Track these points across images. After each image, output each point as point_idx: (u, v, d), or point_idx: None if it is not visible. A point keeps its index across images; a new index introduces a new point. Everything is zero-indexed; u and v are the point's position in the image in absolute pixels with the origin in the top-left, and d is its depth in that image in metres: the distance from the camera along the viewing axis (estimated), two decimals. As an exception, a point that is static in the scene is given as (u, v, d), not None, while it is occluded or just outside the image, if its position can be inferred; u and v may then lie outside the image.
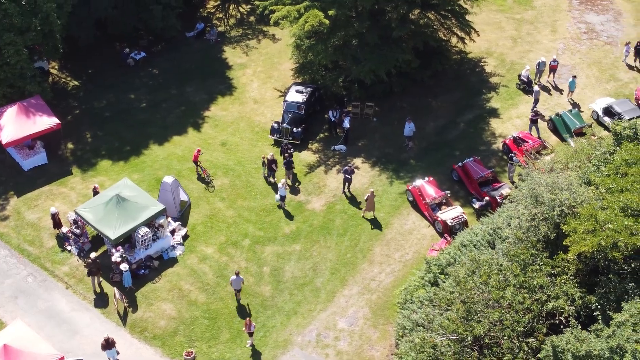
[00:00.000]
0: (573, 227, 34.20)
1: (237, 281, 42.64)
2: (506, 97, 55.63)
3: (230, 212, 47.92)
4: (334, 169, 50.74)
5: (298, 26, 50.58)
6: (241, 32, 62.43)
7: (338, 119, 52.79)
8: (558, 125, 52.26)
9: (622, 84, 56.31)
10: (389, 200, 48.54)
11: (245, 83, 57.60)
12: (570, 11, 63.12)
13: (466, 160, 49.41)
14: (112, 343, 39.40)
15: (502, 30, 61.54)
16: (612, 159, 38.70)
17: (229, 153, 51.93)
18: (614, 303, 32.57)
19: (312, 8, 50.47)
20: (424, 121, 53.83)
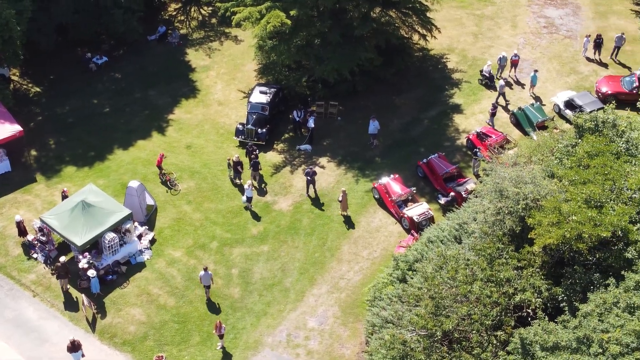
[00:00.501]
0: (538, 220, 34.45)
1: (206, 277, 42.67)
2: (469, 92, 56.07)
3: (197, 214, 47.85)
4: (300, 169, 50.83)
5: (260, 27, 50.62)
6: (203, 34, 62.34)
7: (303, 118, 52.92)
8: (521, 119, 52.75)
9: (582, 77, 56.96)
10: (356, 199, 48.71)
11: (209, 85, 57.53)
12: (530, 6, 63.75)
13: (431, 157, 49.74)
14: (77, 345, 39.25)
15: (463, 26, 62.02)
16: (574, 152, 39.09)
17: (195, 156, 51.85)
18: (580, 294, 32.85)
19: (273, 9, 50.52)
20: (389, 119, 54.09)
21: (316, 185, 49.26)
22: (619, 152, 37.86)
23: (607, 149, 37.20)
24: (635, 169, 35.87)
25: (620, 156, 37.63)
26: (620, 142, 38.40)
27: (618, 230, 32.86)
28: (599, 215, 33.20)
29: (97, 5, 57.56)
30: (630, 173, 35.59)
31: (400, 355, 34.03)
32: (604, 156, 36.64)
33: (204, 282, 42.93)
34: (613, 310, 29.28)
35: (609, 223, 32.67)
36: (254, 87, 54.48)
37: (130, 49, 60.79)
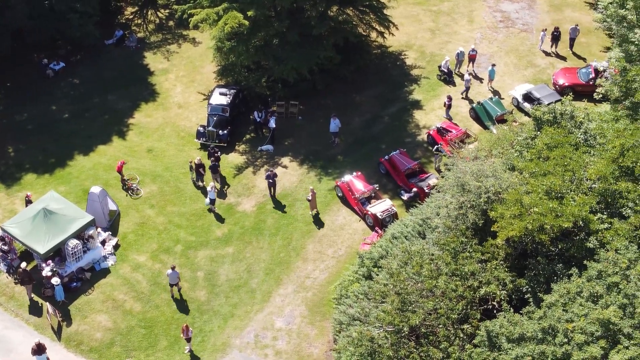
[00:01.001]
0: (500, 212, 34.75)
1: (173, 276, 42.66)
2: (428, 88, 56.37)
3: (160, 218, 47.64)
4: (262, 169, 50.78)
5: (218, 28, 50.47)
6: (161, 37, 61.95)
7: (263, 119, 52.86)
8: (480, 113, 53.17)
9: (539, 70, 57.53)
10: (319, 198, 48.75)
11: (168, 88, 57.24)
12: (486, 1, 64.22)
13: (392, 153, 49.97)
14: (42, 348, 38.99)
15: (420, 22, 62.31)
16: (533, 144, 39.51)
17: (156, 159, 51.60)
18: (544, 285, 33.21)
19: (230, 10, 50.39)
20: (349, 117, 54.24)
21: (279, 185, 49.25)
22: (578, 143, 38.33)
23: (565, 141, 37.60)
24: (594, 159, 36.32)
25: (579, 147, 38.10)
26: (578, 133, 38.89)
27: (579, 220, 33.24)
28: (560, 206, 33.57)
29: (53, 10, 56.94)
30: (589, 163, 36.03)
31: (368, 352, 34.16)
32: (563, 147, 37.03)
33: (171, 281, 42.87)
34: (577, 299, 29.65)
35: (570, 214, 33.04)
36: (214, 89, 54.32)
37: (87, 53, 60.26)
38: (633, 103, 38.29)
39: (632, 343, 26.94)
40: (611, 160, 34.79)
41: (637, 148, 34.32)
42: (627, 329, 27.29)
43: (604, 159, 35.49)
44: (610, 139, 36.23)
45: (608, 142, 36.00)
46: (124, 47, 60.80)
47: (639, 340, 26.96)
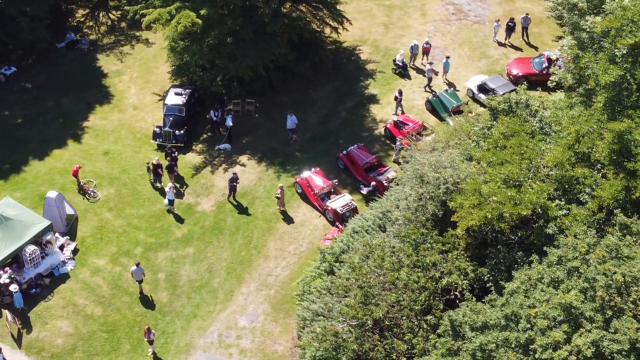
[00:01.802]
0: (459, 202, 34.93)
1: (137, 272, 42.48)
2: (383, 82, 56.47)
3: (119, 221, 47.19)
4: (221, 168, 50.52)
5: (171, 28, 50.09)
6: (114, 39, 61.18)
7: (220, 118, 52.56)
8: (436, 105, 53.39)
9: (493, 61, 57.92)
10: (279, 195, 48.76)
11: (122, 90, 56.63)
12: (438, -7, 64.55)
13: (350, 148, 50.00)
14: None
15: (374, 17, 62.37)
16: (490, 134, 39.73)
17: (113, 162, 51.08)
18: (505, 273, 33.44)
19: (183, 9, 50.00)
20: (306, 113, 54.16)
21: (239, 182, 48.99)
22: (534, 131, 38.63)
23: (521, 129, 37.86)
24: (550, 147, 36.60)
25: (534, 135, 38.39)
26: (534, 122, 39.19)
27: (537, 207, 33.51)
28: (518, 194, 33.81)
29: (2, 14, 56.04)
30: (546, 151, 36.29)
31: (333, 347, 34.17)
32: (519, 136, 37.27)
33: (135, 277, 42.67)
34: (538, 286, 29.85)
35: (528, 201, 33.28)
36: (169, 89, 53.88)
37: (39, 57, 59.35)
38: (586, 90, 38.64)
39: (594, 326, 27.17)
40: (567, 147, 35.06)
41: (592, 134, 34.63)
42: (589, 313, 27.53)
43: (559, 146, 35.77)
44: (565, 126, 36.54)
45: (563, 129, 36.32)
46: (76, 50, 59.92)
47: (600, 323, 27.21)
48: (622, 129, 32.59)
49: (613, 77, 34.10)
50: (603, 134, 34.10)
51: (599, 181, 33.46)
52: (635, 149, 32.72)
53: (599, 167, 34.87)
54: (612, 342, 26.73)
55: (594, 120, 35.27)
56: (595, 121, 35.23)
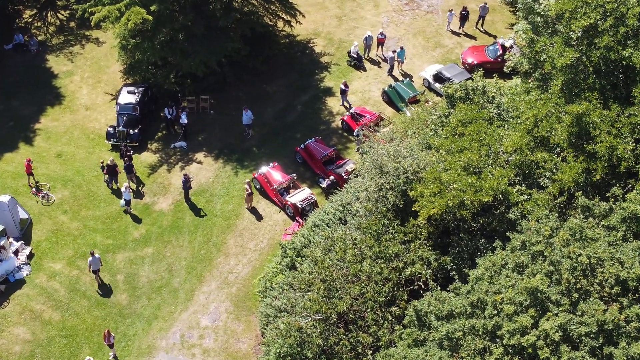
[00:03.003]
0: (420, 191, 34.52)
1: (94, 262, 41.83)
2: (339, 75, 55.99)
3: (75, 223, 46.22)
4: (177, 166, 49.75)
5: (121, 25, 49.15)
6: (63, 39, 59.84)
7: (175, 115, 51.72)
8: (392, 96, 53.06)
9: (447, 50, 57.75)
10: (237, 191, 48.03)
11: (74, 91, 55.46)
12: (390, -16, 64.16)
13: (308, 142, 49.51)
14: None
15: (327, 10, 61.84)
16: (448, 122, 39.45)
17: (66, 164, 50.01)
18: (468, 260, 33.20)
19: (133, 5, 49.07)
20: (262, 107, 53.56)
21: (195, 180, 48.34)
22: (492, 118, 38.39)
23: (479, 116, 37.62)
24: (508, 132, 36.40)
25: (493, 121, 38.13)
26: (491, 108, 38.96)
27: (498, 193, 33.29)
28: (479, 181, 33.54)
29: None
30: (504, 137, 36.09)
31: (298, 343, 33.64)
32: (477, 123, 37.01)
33: (93, 268, 42.01)
34: (502, 272, 29.56)
35: (489, 187, 33.01)
36: (122, 88, 52.89)
37: (-14, 60, 58.22)
38: (542, 74, 38.47)
39: (560, 310, 26.94)
40: (526, 132, 34.87)
41: (550, 118, 34.46)
42: (555, 296, 27.29)
43: (518, 131, 35.59)
44: (523, 111, 36.35)
45: (521, 115, 36.11)
46: (24, 51, 58.58)
47: (567, 306, 26.99)
48: (580, 112, 32.43)
49: (569, 59, 33.92)
50: (561, 117, 33.95)
51: (559, 165, 33.31)
52: (594, 131, 32.57)
53: (559, 151, 34.75)
54: (580, 325, 26.50)
55: (552, 104, 35.12)
56: (552, 105, 35.08)
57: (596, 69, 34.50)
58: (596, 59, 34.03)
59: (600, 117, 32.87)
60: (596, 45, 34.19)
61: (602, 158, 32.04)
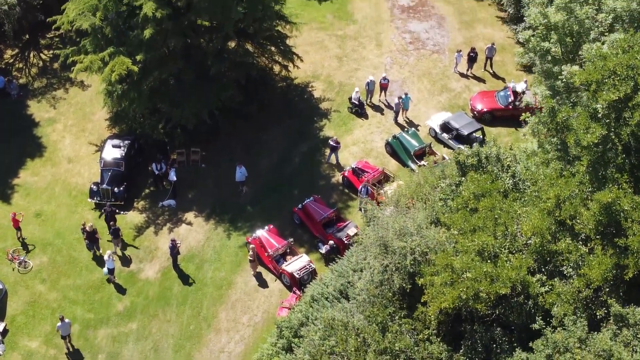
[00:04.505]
0: (429, 279, 31.36)
1: (64, 327, 39.05)
2: (339, 123, 52.42)
3: (53, 294, 42.71)
4: (165, 228, 46.23)
5: (104, 76, 45.64)
6: (46, 82, 55.92)
7: (163, 171, 48.13)
8: (396, 148, 49.57)
9: (455, 95, 54.21)
10: (229, 256, 44.58)
11: (56, 140, 51.75)
12: (393, 21, 60.30)
13: (306, 201, 46.03)
14: None
15: (326, 49, 58.07)
16: (459, 191, 36.17)
17: (46, 225, 46.46)
18: (482, 354, 30.08)
19: (117, 55, 45.53)
20: (257, 159, 50.04)
21: (184, 244, 44.92)
22: (507, 190, 35.05)
23: (493, 187, 34.26)
24: (526, 210, 32.99)
25: (508, 194, 34.81)
26: (506, 178, 35.56)
27: (517, 284, 29.96)
28: (495, 269, 30.24)
29: None
30: (522, 215, 32.70)
31: None
32: (491, 197, 33.67)
33: (62, 333, 39.17)
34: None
35: (506, 277, 29.70)
36: (106, 141, 49.29)
37: (-37, 105, 54.41)
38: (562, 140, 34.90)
39: None
40: (546, 213, 31.44)
41: (573, 199, 31.05)
42: None
43: (537, 209, 32.16)
44: (543, 189, 32.86)
45: (541, 192, 32.62)
46: (4, 95, 54.73)
47: None
48: (609, 200, 29.00)
49: (596, 137, 30.42)
50: (588, 202, 30.54)
51: (586, 258, 29.84)
52: (625, 222, 29.12)
53: (584, 237, 31.29)
54: None
55: (576, 183, 31.71)
56: (576, 184, 31.68)
57: (626, 147, 31.04)
58: (626, 136, 30.64)
59: (631, 204, 29.41)
60: (626, 120, 30.76)
61: (636, 253, 28.59)
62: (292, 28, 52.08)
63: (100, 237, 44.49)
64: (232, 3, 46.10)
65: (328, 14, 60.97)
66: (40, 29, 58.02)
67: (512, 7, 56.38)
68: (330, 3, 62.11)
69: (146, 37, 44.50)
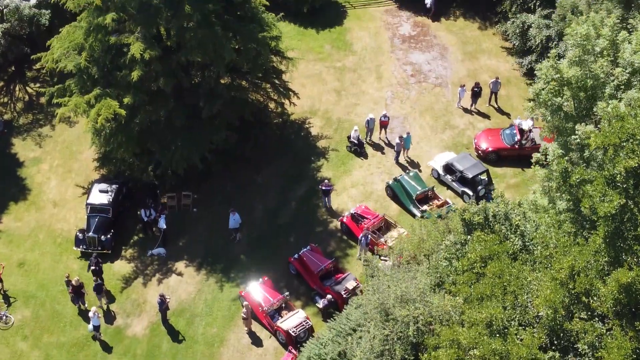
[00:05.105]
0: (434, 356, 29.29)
1: None
2: (337, 163, 50.06)
3: (35, 353, 40.42)
4: (154, 279, 43.91)
5: (90, 120, 43.31)
6: (31, 118, 53.36)
7: (153, 218, 45.79)
8: (398, 191, 47.25)
9: (458, 132, 51.86)
10: (221, 310, 42.29)
11: (41, 182, 49.34)
12: (394, 52, 57.90)
13: (303, 251, 43.73)
14: None
15: (324, 82, 55.59)
16: (464, 251, 34.01)
17: (29, 275, 44.13)
18: None
19: (104, 97, 43.15)
20: (252, 203, 47.73)
21: (174, 297, 42.66)
22: (515, 252, 32.83)
23: (501, 249, 32.15)
24: (537, 276, 30.76)
25: (517, 256, 32.63)
26: (515, 239, 33.32)
27: (529, 362, 27.80)
28: (504, 345, 28.11)
29: None
30: (533, 282, 30.46)
31: None
32: (499, 260, 31.58)
33: None
34: None
35: (517, 356, 27.58)
36: (93, 185, 46.95)
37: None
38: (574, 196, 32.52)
39: None
40: (559, 284, 29.18)
41: (589, 271, 28.79)
42: None
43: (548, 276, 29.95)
44: (555, 257, 30.58)
45: (554, 262, 30.31)
46: (-13, 133, 52.47)
47: None
48: (629, 281, 26.74)
49: (614, 207, 28.11)
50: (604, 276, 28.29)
51: (604, 339, 27.57)
52: (646, 302, 26.90)
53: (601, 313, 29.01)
54: None
55: (591, 252, 29.44)
56: (592, 253, 29.41)
57: (646, 217, 28.74)
58: (647, 205, 28.33)
59: (654, 283, 27.16)
60: (646, 188, 28.49)
61: (659, 338, 26.38)
62: (288, 64, 49.78)
63: (87, 292, 42.14)
64: (225, 41, 43.82)
65: (326, 44, 58.59)
66: (26, 61, 55.49)
67: (517, 39, 53.90)
68: (328, 32, 59.70)
69: (134, 79, 42.25)
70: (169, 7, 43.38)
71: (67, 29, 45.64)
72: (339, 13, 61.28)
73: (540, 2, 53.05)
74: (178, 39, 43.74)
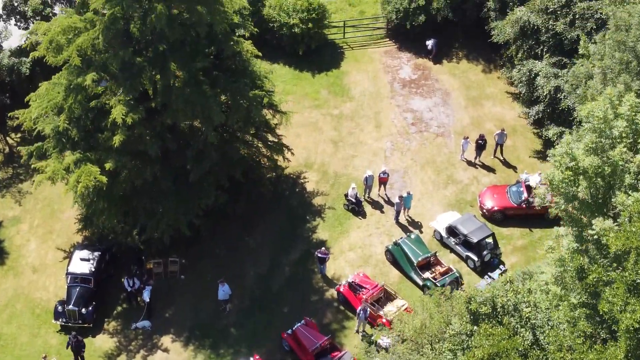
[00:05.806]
0: None
1: None
2: (334, 222, 47.27)
3: None
4: (139, 355, 41.17)
5: (70, 187, 40.56)
6: (11, 172, 50.56)
7: (137, 288, 43.02)
8: (398, 256, 44.52)
9: (462, 187, 49.06)
10: (209, 392, 39.60)
11: (20, 245, 46.45)
12: (393, 97, 54.95)
13: (297, 325, 40.97)
14: None
15: (321, 131, 52.69)
16: (469, 343, 31.33)
17: (5, 351, 41.37)
18: None
19: (84, 163, 40.40)
20: (243, 268, 45.00)
21: (160, 377, 40.05)
22: (526, 348, 30.14)
23: (510, 346, 29.56)
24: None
25: (527, 352, 29.97)
26: (526, 333, 30.64)
27: None
28: None
29: None
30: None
31: None
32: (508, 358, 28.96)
33: None
34: None
35: None
36: (74, 251, 44.19)
37: None
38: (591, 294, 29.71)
39: None
40: (577, 397, 26.57)
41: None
42: None
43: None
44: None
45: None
46: (-36, 190, 49.56)
47: None
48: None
49: (637, 321, 25.41)
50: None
51: None
52: None
53: None
54: None
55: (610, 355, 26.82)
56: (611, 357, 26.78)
57: (672, 329, 26.02)
58: (673, 316, 25.60)
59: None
60: (672, 297, 25.77)
61: None
62: (282, 118, 47.04)
63: (66, 375, 39.54)
64: (213, 103, 41.03)
65: (322, 89, 55.72)
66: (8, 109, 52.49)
67: (524, 87, 50.93)
68: (325, 75, 56.81)
69: (116, 144, 39.51)
70: (154, 65, 40.70)
71: (45, 85, 42.75)
72: (335, 54, 58.37)
73: (548, 49, 50.08)
74: (163, 99, 40.98)
